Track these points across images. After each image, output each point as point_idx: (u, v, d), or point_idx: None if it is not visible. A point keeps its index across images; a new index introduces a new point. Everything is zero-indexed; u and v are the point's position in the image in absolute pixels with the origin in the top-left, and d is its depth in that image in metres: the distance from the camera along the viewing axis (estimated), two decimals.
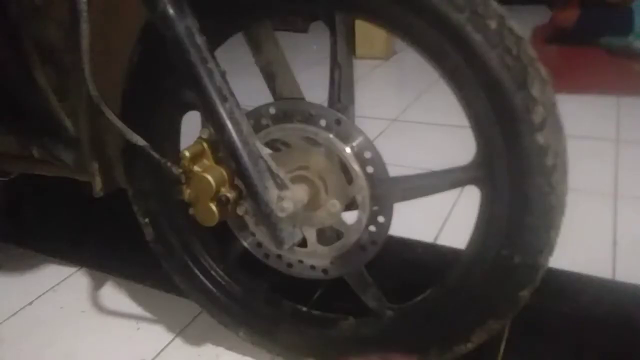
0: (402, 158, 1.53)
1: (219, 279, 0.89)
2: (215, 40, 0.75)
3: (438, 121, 1.79)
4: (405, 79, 2.37)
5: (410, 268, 1.10)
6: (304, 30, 3.23)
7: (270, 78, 0.75)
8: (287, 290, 0.86)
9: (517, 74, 0.59)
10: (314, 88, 0.89)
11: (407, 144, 1.68)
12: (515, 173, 0.62)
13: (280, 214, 0.66)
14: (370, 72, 2.42)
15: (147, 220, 0.89)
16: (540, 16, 2.79)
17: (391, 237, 1.15)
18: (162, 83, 0.78)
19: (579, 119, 1.72)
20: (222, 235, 0.83)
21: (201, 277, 0.90)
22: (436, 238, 1.19)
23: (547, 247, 0.64)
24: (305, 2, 0.70)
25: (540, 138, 0.60)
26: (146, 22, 0.74)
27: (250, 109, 0.74)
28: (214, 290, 0.90)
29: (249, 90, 0.99)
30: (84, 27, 0.65)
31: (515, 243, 0.65)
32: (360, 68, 2.46)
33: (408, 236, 1.17)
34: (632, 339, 0.88)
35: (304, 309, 0.87)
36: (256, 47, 0.74)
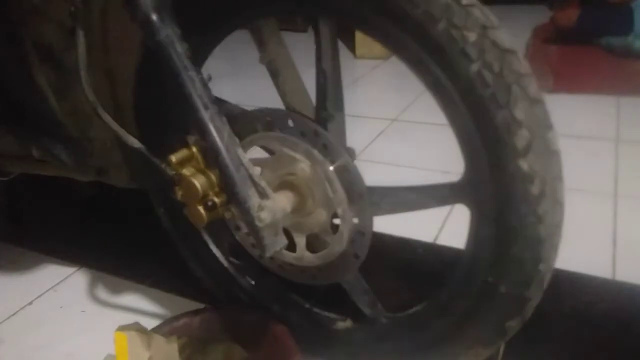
0: (401, 158, 1.53)
1: (227, 269, 0.91)
2: (208, 41, 0.75)
3: (438, 121, 1.78)
4: (405, 79, 2.35)
5: (410, 268, 1.09)
6: (304, 30, 3.23)
7: (274, 75, 0.75)
8: (294, 285, 0.86)
9: (497, 92, 0.54)
10: (313, 88, 0.89)
11: (407, 144, 1.68)
12: (500, 199, 0.59)
13: (258, 224, 0.65)
14: (370, 72, 2.42)
15: (162, 209, 0.91)
16: (540, 16, 2.79)
17: (391, 237, 1.16)
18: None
19: (579, 119, 1.72)
20: (227, 229, 0.83)
21: (211, 266, 0.91)
22: (436, 238, 1.19)
23: (535, 281, 0.61)
24: (290, 5, 0.68)
25: (523, 164, 0.55)
26: None
27: (249, 109, 0.74)
28: (223, 280, 0.92)
29: (249, 90, 0.99)
30: (81, 33, 0.65)
31: (500, 272, 0.62)
32: (360, 68, 2.46)
33: (408, 236, 1.17)
34: (632, 338, 0.88)
35: (307, 305, 0.87)
36: (260, 44, 0.74)
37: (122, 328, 0.68)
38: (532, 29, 2.61)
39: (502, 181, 0.57)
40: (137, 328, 0.69)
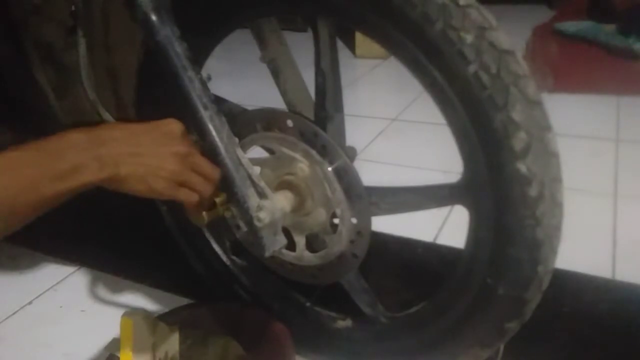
0: (401, 158, 1.53)
1: (228, 267, 0.91)
2: (208, 41, 0.75)
3: (438, 121, 1.78)
4: (405, 78, 2.35)
5: (410, 268, 1.09)
6: (304, 29, 3.23)
7: (275, 74, 0.75)
8: (295, 283, 0.86)
9: (495, 93, 0.54)
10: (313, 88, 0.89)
11: (407, 143, 1.68)
12: (498, 201, 0.58)
13: (257, 224, 0.65)
14: (370, 72, 2.42)
15: (165, 207, 0.92)
16: (540, 16, 2.79)
17: (391, 237, 1.16)
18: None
19: (579, 119, 1.72)
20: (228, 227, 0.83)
21: (213, 264, 0.92)
22: (436, 238, 1.19)
23: (534, 282, 0.60)
24: (288, 5, 0.68)
25: (521, 166, 0.55)
26: None
27: (250, 108, 0.74)
28: (223, 276, 0.92)
29: (249, 90, 0.99)
30: (81, 32, 0.65)
31: (499, 274, 0.62)
32: (360, 68, 2.46)
33: (408, 236, 1.17)
34: (632, 338, 0.88)
35: (307, 303, 0.87)
36: (261, 43, 0.74)
37: (128, 313, 0.68)
38: (532, 28, 2.61)
39: (500, 183, 0.57)
40: (143, 314, 0.70)
